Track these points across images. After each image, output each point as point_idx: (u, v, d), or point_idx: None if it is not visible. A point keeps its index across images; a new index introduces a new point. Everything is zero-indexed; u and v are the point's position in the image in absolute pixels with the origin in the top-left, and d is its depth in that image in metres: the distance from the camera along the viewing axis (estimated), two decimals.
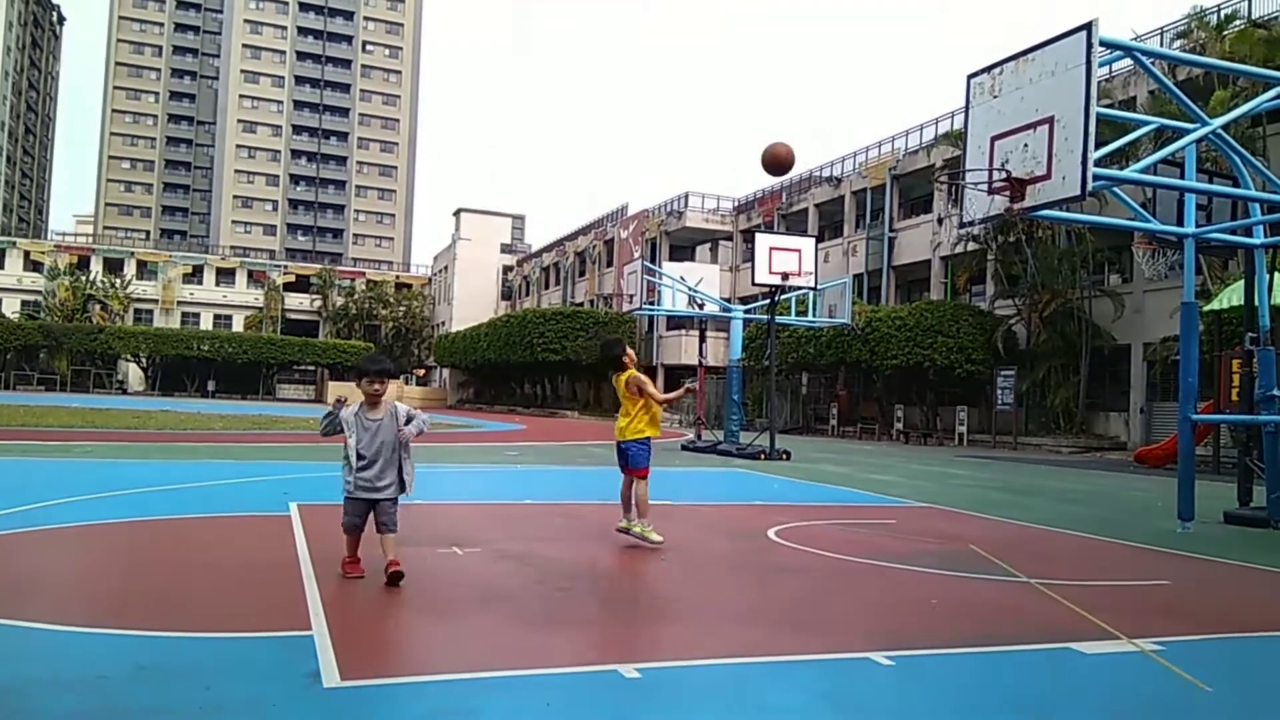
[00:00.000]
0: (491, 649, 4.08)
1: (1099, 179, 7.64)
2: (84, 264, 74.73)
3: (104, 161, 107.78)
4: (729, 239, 51.26)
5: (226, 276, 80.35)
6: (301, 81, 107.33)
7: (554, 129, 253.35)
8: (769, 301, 20.08)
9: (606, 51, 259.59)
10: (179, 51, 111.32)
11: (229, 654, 3.84)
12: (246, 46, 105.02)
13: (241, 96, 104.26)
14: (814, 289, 21.53)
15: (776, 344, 21.43)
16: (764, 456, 18.00)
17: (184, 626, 4.20)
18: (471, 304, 72.85)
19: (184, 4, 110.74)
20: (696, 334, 25.78)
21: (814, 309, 23.48)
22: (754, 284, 21.05)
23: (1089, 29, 7.36)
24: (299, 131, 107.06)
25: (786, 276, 19.22)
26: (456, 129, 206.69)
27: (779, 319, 20.79)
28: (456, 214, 78.29)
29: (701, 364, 24.01)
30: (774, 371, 21.10)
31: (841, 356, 34.06)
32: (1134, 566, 7.30)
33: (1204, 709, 3.62)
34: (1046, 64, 7.66)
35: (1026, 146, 7.73)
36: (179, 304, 77.19)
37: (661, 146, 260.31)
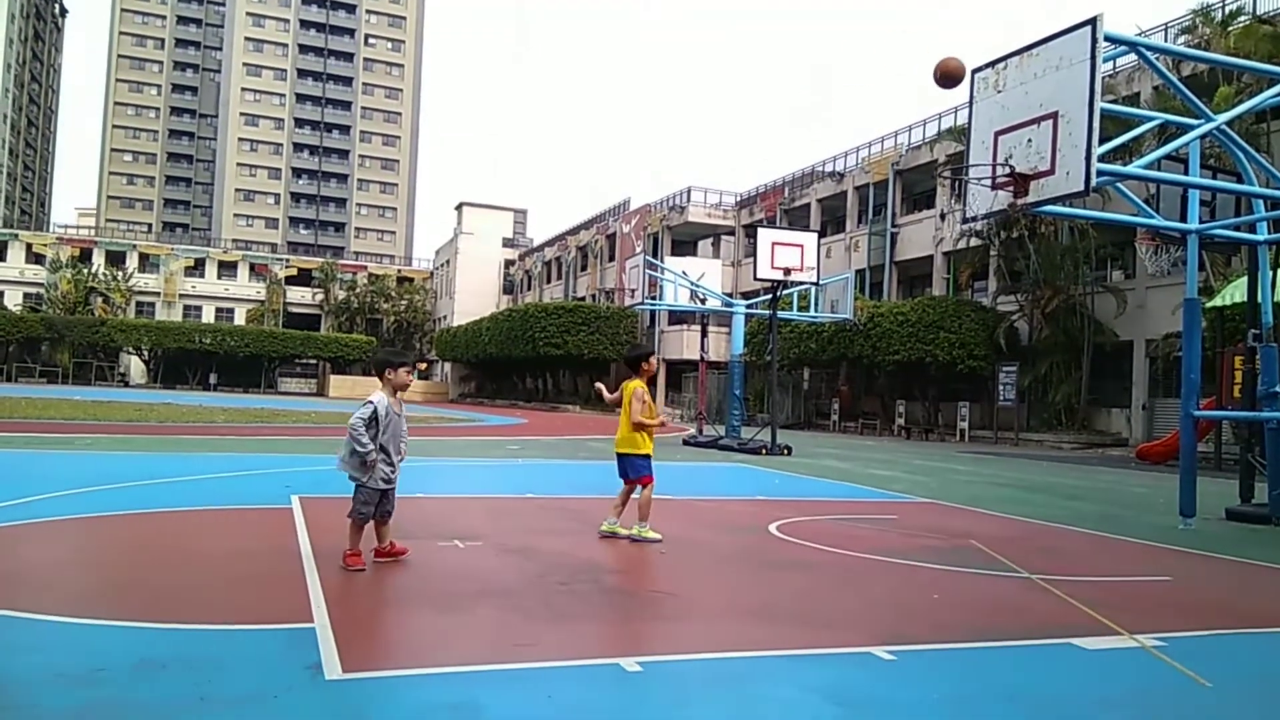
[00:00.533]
0: (493, 642, 4.10)
1: (1103, 174, 7.63)
2: (86, 257, 74.75)
3: (106, 154, 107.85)
4: (731, 234, 51.18)
5: (228, 270, 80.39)
6: (304, 75, 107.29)
7: (556, 123, 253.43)
8: (771, 296, 20.09)
9: (610, 46, 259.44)
10: (181, 44, 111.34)
11: (231, 646, 3.84)
12: (249, 39, 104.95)
13: (244, 89, 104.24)
14: (816, 284, 21.52)
15: (778, 339, 21.41)
16: (765, 451, 18.03)
17: (186, 618, 4.21)
18: (473, 298, 72.96)
19: None
20: (698, 329, 25.75)
21: (816, 304, 23.44)
22: (756, 279, 21.01)
23: (1093, 24, 7.35)
24: (301, 125, 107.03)
25: (789, 272, 19.20)
26: (459, 123, 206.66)
27: (781, 314, 20.79)
28: (458, 208, 78.35)
29: (703, 359, 24.04)
30: (775, 367, 21.10)
31: (843, 352, 34.08)
32: (1135, 562, 7.31)
33: (1204, 704, 3.62)
34: (1051, 59, 7.65)
35: (1030, 142, 7.72)
36: (181, 297, 77.28)
37: (664, 141, 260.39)
